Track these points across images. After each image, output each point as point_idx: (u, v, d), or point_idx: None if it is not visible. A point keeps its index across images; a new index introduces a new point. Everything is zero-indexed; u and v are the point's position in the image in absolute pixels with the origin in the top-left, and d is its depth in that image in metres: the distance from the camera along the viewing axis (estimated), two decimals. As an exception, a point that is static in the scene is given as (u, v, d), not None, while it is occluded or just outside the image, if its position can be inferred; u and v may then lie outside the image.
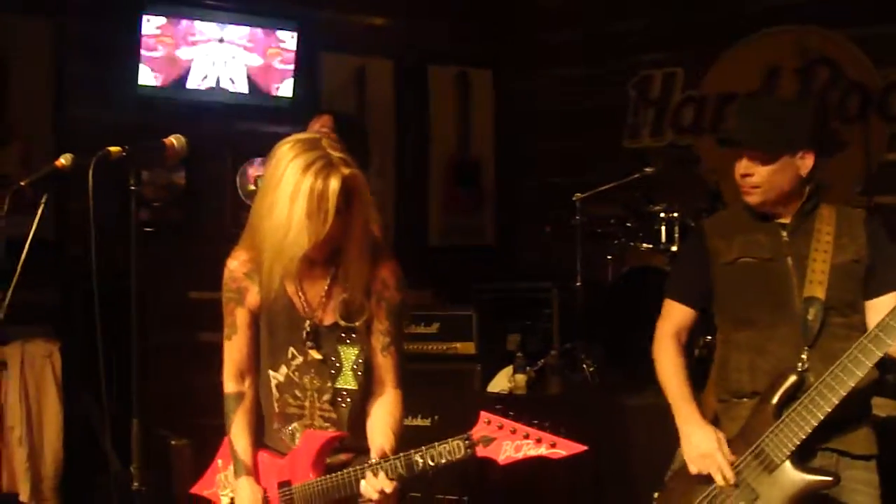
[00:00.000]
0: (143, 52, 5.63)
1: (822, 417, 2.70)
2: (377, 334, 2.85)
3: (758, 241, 2.98)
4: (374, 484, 2.63)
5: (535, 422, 2.47)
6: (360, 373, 2.83)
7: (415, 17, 7.10)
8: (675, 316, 3.11)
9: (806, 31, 6.61)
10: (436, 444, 2.57)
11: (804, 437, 2.73)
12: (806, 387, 2.78)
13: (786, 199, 2.95)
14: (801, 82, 6.64)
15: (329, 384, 2.83)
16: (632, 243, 5.73)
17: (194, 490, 3.09)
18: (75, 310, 5.13)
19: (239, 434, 2.89)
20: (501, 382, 5.54)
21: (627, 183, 5.82)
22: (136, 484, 2.64)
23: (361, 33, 6.98)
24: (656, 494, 3.04)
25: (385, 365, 2.86)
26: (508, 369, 5.55)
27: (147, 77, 5.66)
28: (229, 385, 2.93)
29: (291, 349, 2.84)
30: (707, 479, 2.87)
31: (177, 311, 5.73)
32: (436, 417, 5.38)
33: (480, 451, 2.49)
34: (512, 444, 2.45)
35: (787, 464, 2.76)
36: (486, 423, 2.50)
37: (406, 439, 2.96)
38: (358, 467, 2.69)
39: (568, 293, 6.06)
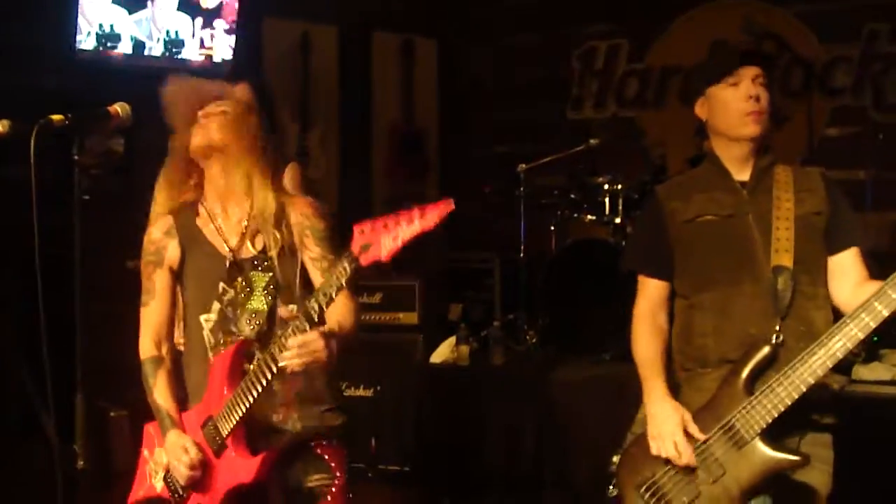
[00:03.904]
0: (80, 16, 5.48)
1: (796, 397, 2.65)
2: (313, 262, 2.89)
3: (717, 198, 2.91)
4: (285, 354, 2.61)
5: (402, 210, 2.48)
6: (269, 296, 2.86)
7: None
8: (649, 293, 3.02)
9: (751, 5, 6.64)
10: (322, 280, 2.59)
11: (777, 414, 2.68)
12: (778, 360, 2.74)
13: (757, 147, 2.91)
14: (746, 56, 6.68)
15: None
16: (575, 215, 5.73)
17: (132, 501, 3.02)
18: (8, 280, 5.01)
19: (162, 392, 2.90)
20: (444, 353, 5.53)
21: (571, 154, 5.81)
22: (80, 462, 2.57)
23: (305, -2, 6.89)
24: (615, 458, 2.99)
25: None
26: (451, 340, 5.54)
27: (84, 42, 5.52)
28: (147, 350, 2.95)
29: (221, 284, 2.88)
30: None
31: (113, 280, 5.60)
32: (378, 388, 5.37)
33: (365, 259, 2.47)
34: (388, 237, 2.44)
35: (757, 441, 2.71)
36: (361, 233, 2.49)
37: (351, 410, 3.01)
38: (266, 355, 2.67)
39: (511, 264, 6.05)
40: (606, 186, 5.59)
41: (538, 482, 4.98)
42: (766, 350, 2.76)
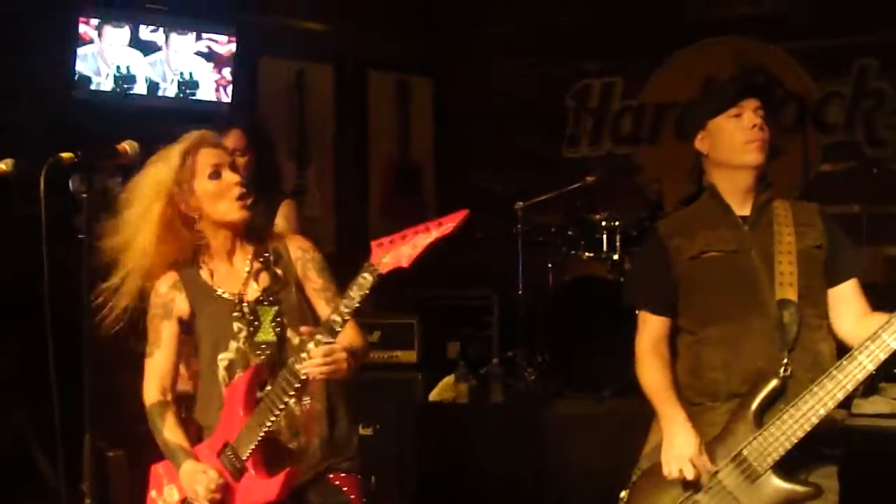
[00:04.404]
0: (79, 55, 5.51)
1: (808, 429, 2.67)
2: (317, 293, 2.94)
3: (720, 235, 2.94)
4: (310, 362, 2.64)
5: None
6: (278, 329, 2.89)
7: (355, 23, 7.05)
8: (651, 328, 3.03)
9: (744, 42, 6.70)
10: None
11: (789, 446, 2.70)
12: (787, 392, 2.76)
13: (758, 177, 2.95)
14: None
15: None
16: (573, 252, 5.73)
17: None
18: (9, 318, 4.99)
19: (171, 429, 2.90)
20: (443, 391, 5.52)
21: (568, 192, 5.83)
22: (88, 501, 2.56)
23: (300, 38, 6.92)
24: (623, 494, 2.98)
25: None
26: (450, 378, 5.53)
27: (82, 81, 5.54)
28: (152, 397, 2.95)
29: (236, 324, 2.90)
30: (683, 482, 2.83)
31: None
32: (377, 426, 5.34)
33: (385, 269, 2.54)
34: (407, 246, 2.52)
35: (770, 473, 2.73)
36: (379, 247, 2.57)
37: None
38: (286, 371, 2.70)
39: (509, 301, 6.05)
40: (604, 223, 5.60)
41: (538, 520, 4.96)
42: (774, 383, 2.78)
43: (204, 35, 5.95)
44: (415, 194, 7.44)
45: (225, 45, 6.02)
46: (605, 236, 5.58)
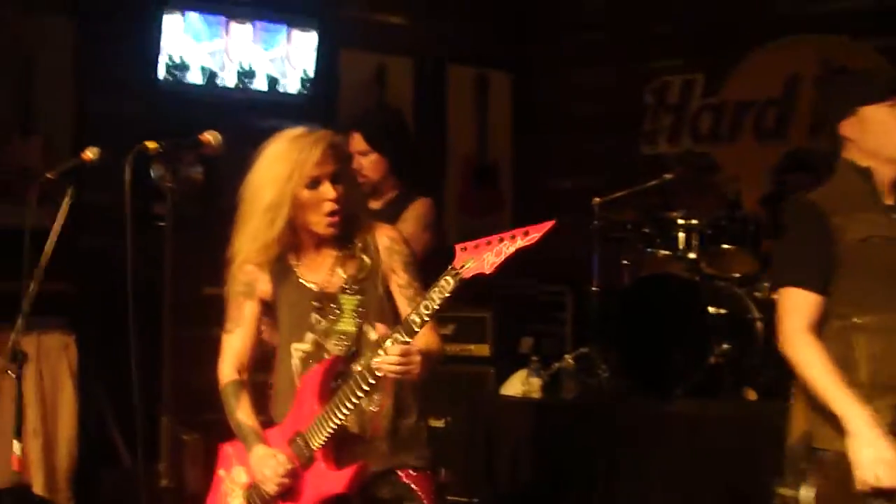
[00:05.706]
0: (163, 47, 5.62)
1: None
2: (400, 290, 2.91)
3: (876, 219, 2.88)
4: (385, 359, 2.63)
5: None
6: (358, 318, 2.88)
7: (435, 16, 7.09)
8: (803, 307, 2.87)
9: (827, 39, 6.58)
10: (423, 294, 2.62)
11: None
12: None
13: None
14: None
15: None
16: (649, 249, 5.69)
17: None
18: (91, 303, 5.12)
19: (245, 411, 2.93)
20: (515, 385, 5.51)
21: (646, 189, 5.80)
22: (164, 481, 2.63)
23: (382, 31, 6.97)
24: (804, 492, 2.84)
25: None
26: (522, 372, 5.52)
27: (167, 72, 5.66)
28: (228, 374, 2.98)
29: (314, 315, 2.90)
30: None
31: (190, 306, 5.69)
32: (449, 419, 5.37)
33: (467, 273, 2.51)
34: (491, 253, 2.49)
35: None
36: (463, 251, 2.54)
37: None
38: (363, 367, 2.70)
39: (583, 297, 6.03)
40: (681, 221, 5.54)
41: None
42: None
43: (285, 26, 6.03)
44: (492, 189, 7.45)
45: (307, 38, 6.10)
46: (681, 234, 5.51)
